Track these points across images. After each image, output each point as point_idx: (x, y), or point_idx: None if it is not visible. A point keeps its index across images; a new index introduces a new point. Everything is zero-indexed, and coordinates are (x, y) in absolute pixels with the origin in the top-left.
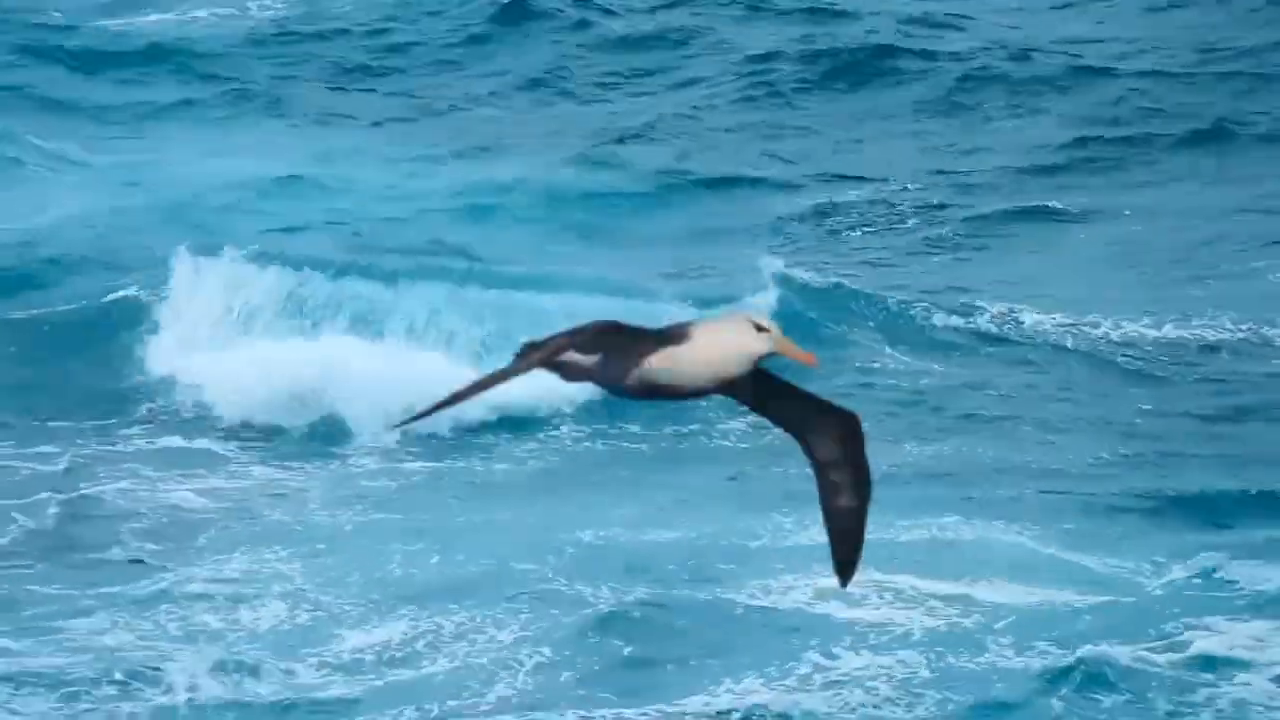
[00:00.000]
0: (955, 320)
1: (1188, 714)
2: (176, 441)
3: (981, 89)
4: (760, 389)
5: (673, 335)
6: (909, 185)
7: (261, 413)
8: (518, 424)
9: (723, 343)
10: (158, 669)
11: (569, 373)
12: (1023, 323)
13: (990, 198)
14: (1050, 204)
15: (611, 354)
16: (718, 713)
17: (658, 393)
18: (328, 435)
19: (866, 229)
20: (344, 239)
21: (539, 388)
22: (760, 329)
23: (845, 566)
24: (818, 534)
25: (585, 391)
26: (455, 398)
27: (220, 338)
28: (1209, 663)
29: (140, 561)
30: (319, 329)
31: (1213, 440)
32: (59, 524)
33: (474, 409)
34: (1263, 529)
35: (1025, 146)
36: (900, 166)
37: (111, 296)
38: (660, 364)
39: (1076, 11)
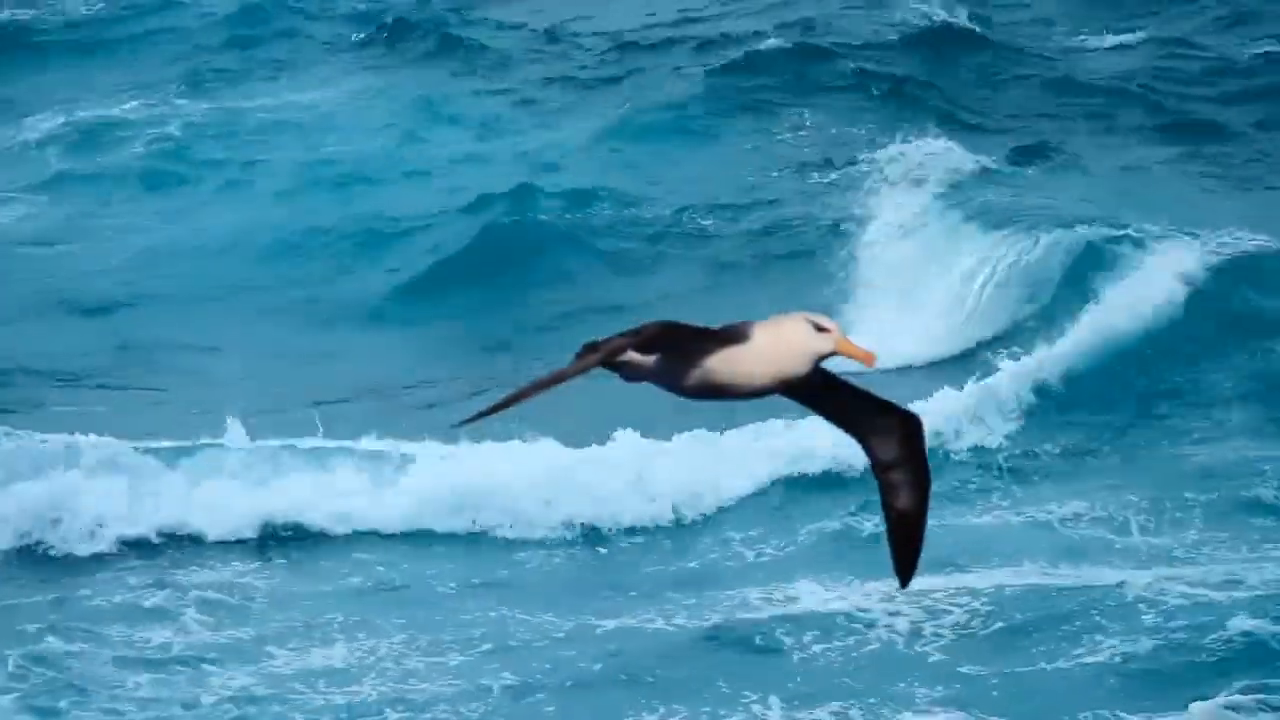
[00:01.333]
0: None
1: None
2: None
3: None
4: (820, 389)
5: (733, 335)
6: None
7: None
8: None
9: (783, 342)
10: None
11: (628, 373)
12: None
13: None
14: None
15: (671, 354)
16: None
17: (717, 393)
18: None
19: None
20: None
21: None
22: (820, 328)
23: (905, 568)
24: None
25: None
26: (515, 397)
27: None
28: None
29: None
30: None
31: None
32: None
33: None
34: None
35: None
36: None
37: None
38: (720, 364)
39: None
